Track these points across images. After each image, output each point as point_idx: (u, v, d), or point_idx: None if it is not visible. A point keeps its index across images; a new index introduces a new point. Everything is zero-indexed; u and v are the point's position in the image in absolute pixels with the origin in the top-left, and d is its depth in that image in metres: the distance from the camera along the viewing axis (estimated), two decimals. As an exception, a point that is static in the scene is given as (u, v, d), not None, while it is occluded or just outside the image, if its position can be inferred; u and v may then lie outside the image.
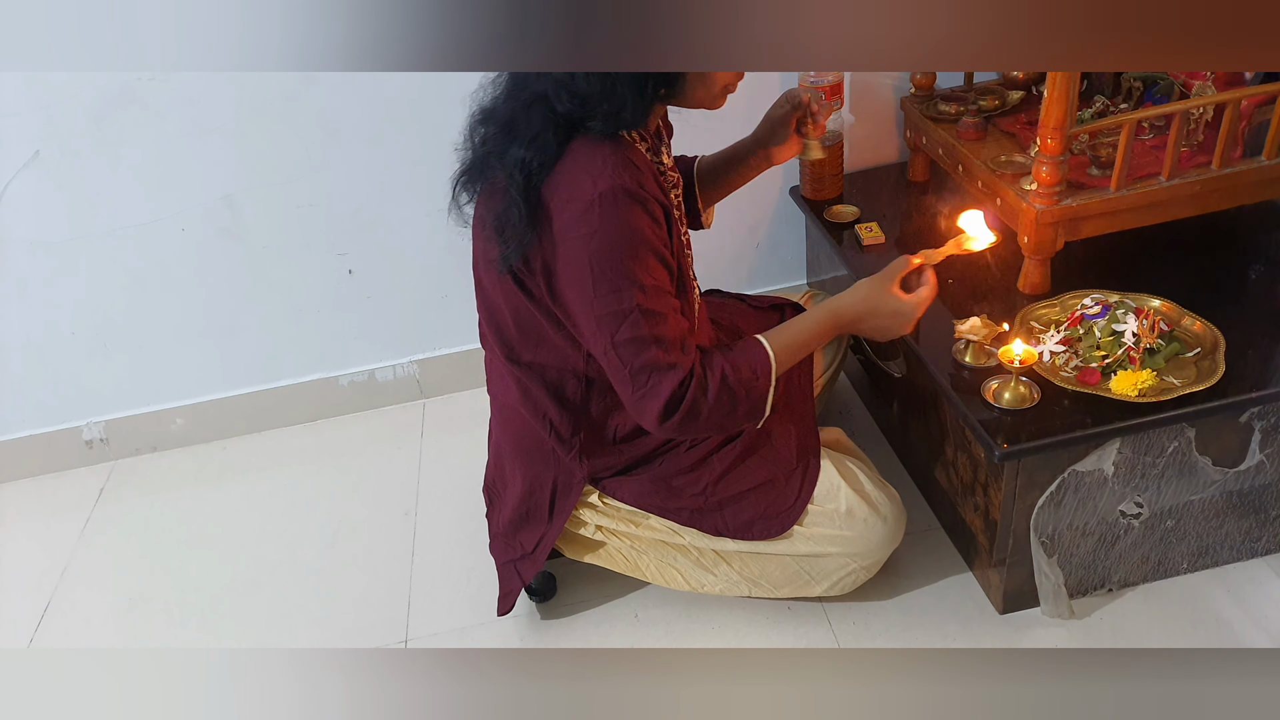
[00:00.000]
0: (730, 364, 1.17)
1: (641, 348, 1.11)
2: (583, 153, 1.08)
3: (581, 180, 1.07)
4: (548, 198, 1.09)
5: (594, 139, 1.08)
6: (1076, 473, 1.24)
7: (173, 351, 1.87)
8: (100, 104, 1.60)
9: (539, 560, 1.36)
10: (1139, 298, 1.34)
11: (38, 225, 1.70)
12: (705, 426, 1.18)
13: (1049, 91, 1.23)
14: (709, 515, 1.32)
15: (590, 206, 1.06)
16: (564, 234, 1.09)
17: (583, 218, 1.07)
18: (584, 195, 1.06)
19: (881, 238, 1.61)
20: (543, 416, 1.30)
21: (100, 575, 1.69)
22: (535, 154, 1.08)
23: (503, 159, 1.10)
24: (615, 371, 1.15)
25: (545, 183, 1.09)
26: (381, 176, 1.75)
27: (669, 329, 1.12)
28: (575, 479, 1.32)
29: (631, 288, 1.09)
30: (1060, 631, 1.35)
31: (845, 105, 1.72)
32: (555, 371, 1.26)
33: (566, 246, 1.09)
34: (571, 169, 1.08)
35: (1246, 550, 1.40)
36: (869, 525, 1.31)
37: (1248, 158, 1.36)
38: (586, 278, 1.09)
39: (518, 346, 1.26)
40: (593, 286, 1.09)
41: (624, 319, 1.10)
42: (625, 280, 1.09)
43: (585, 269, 1.09)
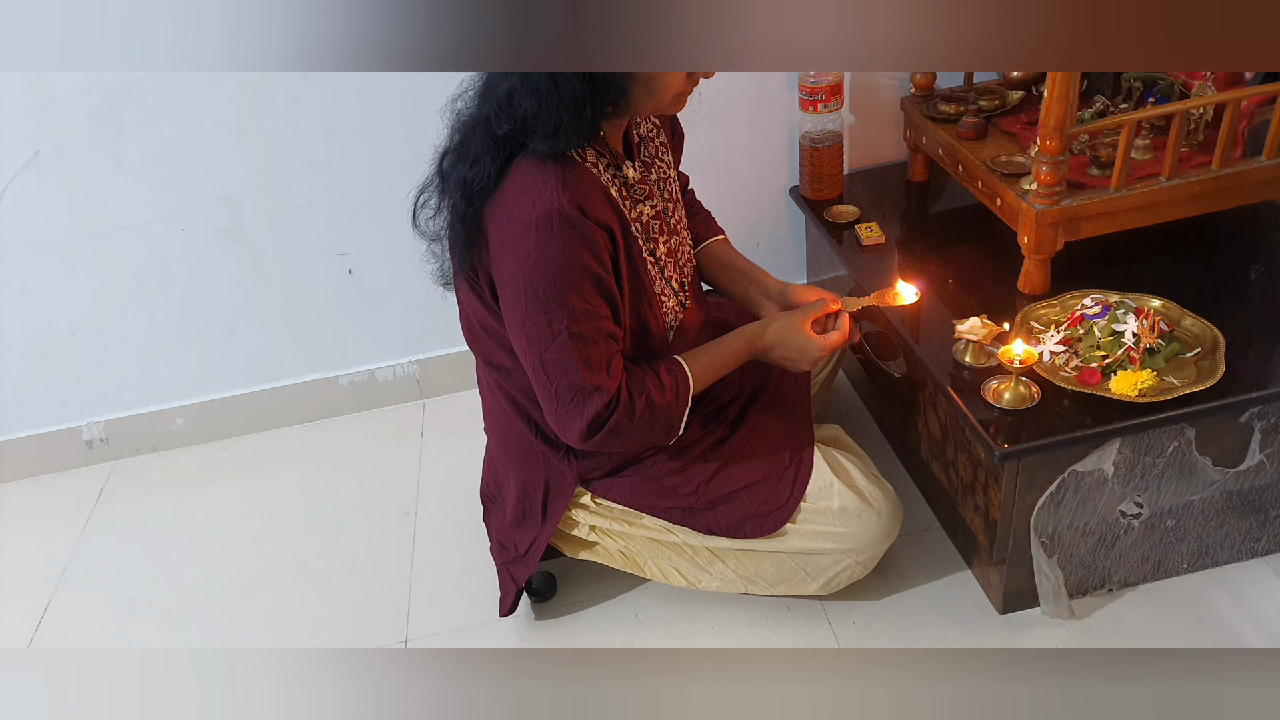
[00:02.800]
0: (655, 386, 1.20)
1: (567, 369, 1.13)
2: (524, 173, 1.09)
3: (520, 201, 1.08)
4: (487, 218, 1.11)
5: (537, 159, 1.09)
6: (1076, 473, 1.24)
7: (173, 351, 1.87)
8: (100, 104, 1.60)
9: (532, 562, 1.36)
10: (1139, 298, 1.34)
11: (38, 225, 1.70)
12: (624, 443, 1.22)
13: (1049, 91, 1.23)
14: (701, 514, 1.32)
15: (527, 228, 1.07)
16: (500, 252, 1.11)
17: (519, 238, 1.08)
18: (522, 217, 1.07)
19: (881, 238, 1.62)
20: (528, 420, 1.31)
21: (100, 575, 1.69)
22: (475, 175, 1.09)
23: (452, 179, 1.12)
24: (541, 388, 1.17)
25: (487, 204, 1.11)
26: (381, 176, 1.75)
27: (596, 352, 1.14)
28: (566, 480, 1.32)
29: (561, 311, 1.10)
30: (1060, 631, 1.35)
31: (845, 105, 1.72)
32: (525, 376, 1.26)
33: (501, 265, 1.11)
34: (511, 190, 1.09)
35: (1246, 550, 1.40)
36: (863, 521, 1.31)
37: (1248, 158, 1.36)
38: (519, 298, 1.11)
39: (494, 352, 1.27)
40: (524, 306, 1.11)
41: (552, 340, 1.12)
42: (556, 303, 1.10)
43: (519, 289, 1.10)
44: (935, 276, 1.50)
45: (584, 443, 1.18)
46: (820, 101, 1.65)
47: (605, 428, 1.16)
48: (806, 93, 1.66)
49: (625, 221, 1.17)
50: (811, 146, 1.71)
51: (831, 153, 1.71)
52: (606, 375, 1.16)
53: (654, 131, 1.29)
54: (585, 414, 1.15)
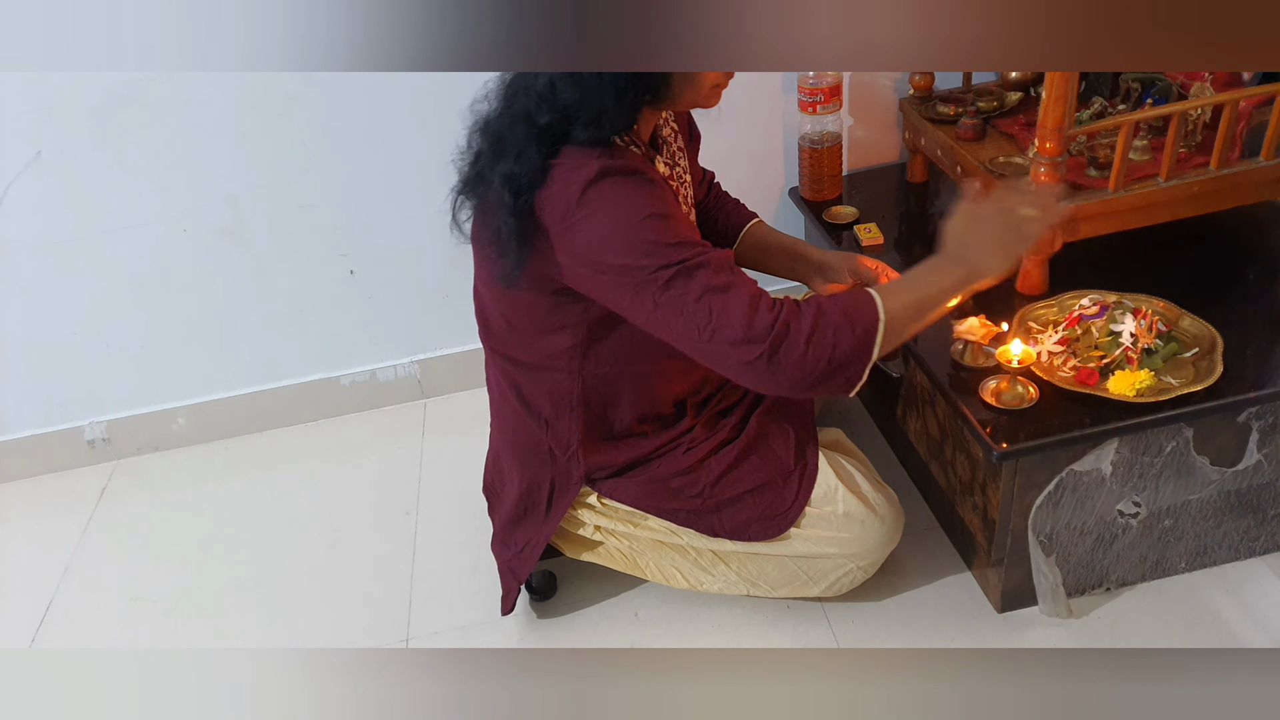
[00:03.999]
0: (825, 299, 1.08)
1: (688, 280, 1.03)
2: (569, 159, 1.08)
3: (569, 179, 1.07)
4: (539, 209, 1.09)
5: (582, 146, 1.08)
6: (1074, 472, 1.25)
7: (174, 351, 1.87)
8: (101, 104, 1.61)
9: (531, 560, 1.36)
10: (1137, 298, 1.34)
11: (39, 225, 1.70)
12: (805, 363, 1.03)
13: (1047, 92, 1.23)
14: (706, 516, 1.32)
15: (585, 190, 1.06)
16: (564, 225, 1.08)
17: (579, 203, 1.06)
18: (573, 191, 1.06)
19: (880, 238, 1.62)
20: (539, 417, 1.30)
21: (101, 575, 1.69)
22: (522, 168, 1.08)
23: (493, 175, 1.11)
24: (672, 327, 1.06)
25: (536, 196, 1.09)
26: (383, 177, 1.75)
27: (711, 257, 1.06)
28: (572, 479, 1.32)
29: (658, 246, 1.04)
30: (1058, 631, 1.35)
31: (844, 106, 1.72)
32: (551, 373, 1.26)
33: (574, 235, 1.08)
34: (560, 175, 1.08)
35: (1244, 550, 1.40)
36: (866, 527, 1.31)
37: (1246, 158, 1.36)
38: (609, 250, 1.06)
39: (513, 348, 1.26)
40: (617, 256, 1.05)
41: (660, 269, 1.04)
42: (648, 241, 1.04)
43: (605, 244, 1.06)
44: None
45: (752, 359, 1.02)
46: (819, 102, 1.66)
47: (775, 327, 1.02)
48: (806, 94, 1.66)
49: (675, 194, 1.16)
50: (811, 148, 1.71)
51: (831, 154, 1.72)
52: (732, 274, 1.06)
53: (673, 135, 1.29)
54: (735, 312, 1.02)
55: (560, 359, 1.24)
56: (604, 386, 1.26)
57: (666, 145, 1.26)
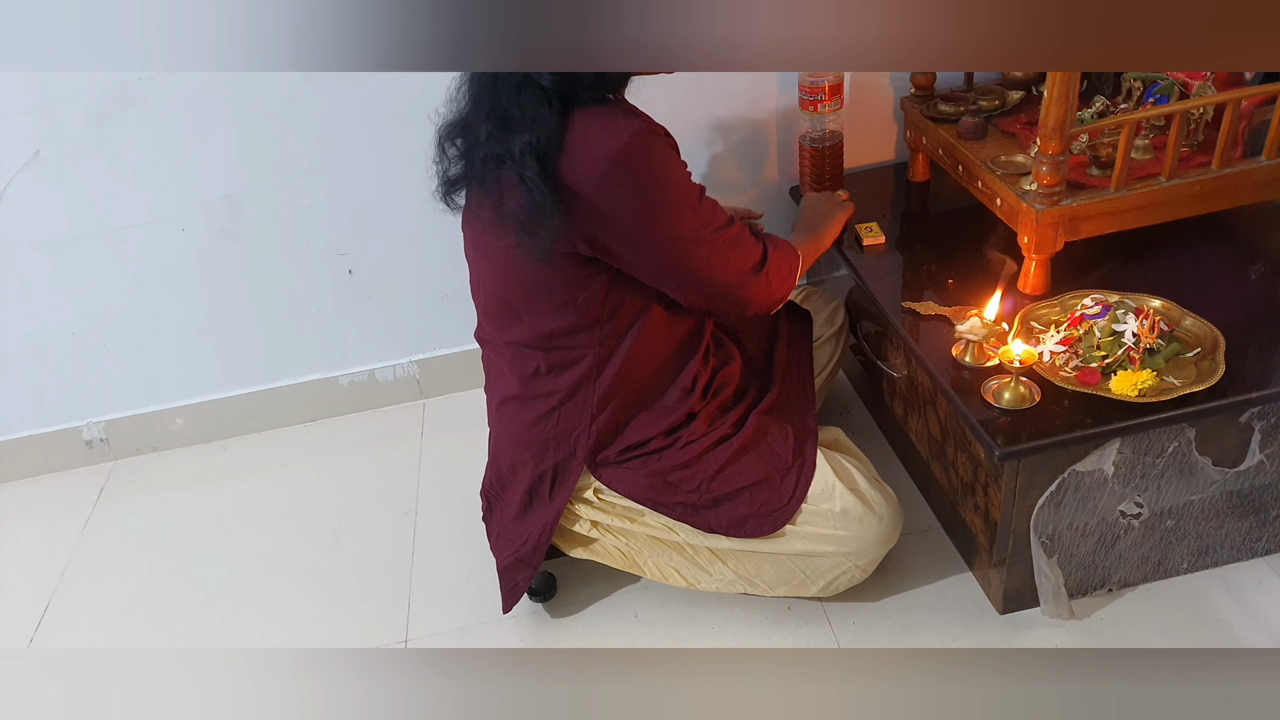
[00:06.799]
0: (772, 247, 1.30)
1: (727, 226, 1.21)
2: (586, 122, 1.09)
3: (596, 145, 1.07)
4: (566, 175, 1.08)
5: (591, 109, 1.09)
6: (1076, 473, 1.24)
7: (173, 351, 1.87)
8: (100, 104, 1.60)
9: (539, 557, 1.36)
10: (1139, 298, 1.34)
11: (38, 225, 1.70)
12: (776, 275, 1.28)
13: (1049, 92, 1.23)
14: (703, 512, 1.32)
15: (620, 158, 1.08)
16: (602, 194, 1.09)
17: (617, 171, 1.08)
18: (608, 151, 1.08)
19: (881, 238, 1.61)
20: (548, 402, 1.29)
21: (100, 575, 1.69)
22: (539, 135, 1.07)
23: (508, 151, 1.09)
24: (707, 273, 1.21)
25: (560, 162, 1.08)
26: (382, 177, 1.75)
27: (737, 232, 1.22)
28: (576, 461, 1.31)
29: (700, 199, 1.17)
30: (1060, 632, 1.35)
31: (845, 105, 1.71)
32: (565, 351, 1.25)
33: (613, 203, 1.10)
34: (582, 140, 1.08)
35: (1247, 550, 1.40)
36: (864, 525, 1.31)
37: (1248, 158, 1.36)
38: (653, 211, 1.13)
39: (526, 333, 1.25)
40: (661, 215, 1.13)
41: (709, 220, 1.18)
42: (690, 197, 1.16)
43: (649, 209, 1.12)
44: (935, 276, 1.50)
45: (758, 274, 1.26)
46: (820, 101, 1.65)
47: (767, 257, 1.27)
48: (806, 93, 1.65)
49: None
50: (811, 146, 1.71)
51: (832, 152, 1.71)
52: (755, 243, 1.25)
53: None
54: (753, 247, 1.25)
55: (577, 336, 1.24)
56: (618, 362, 1.26)
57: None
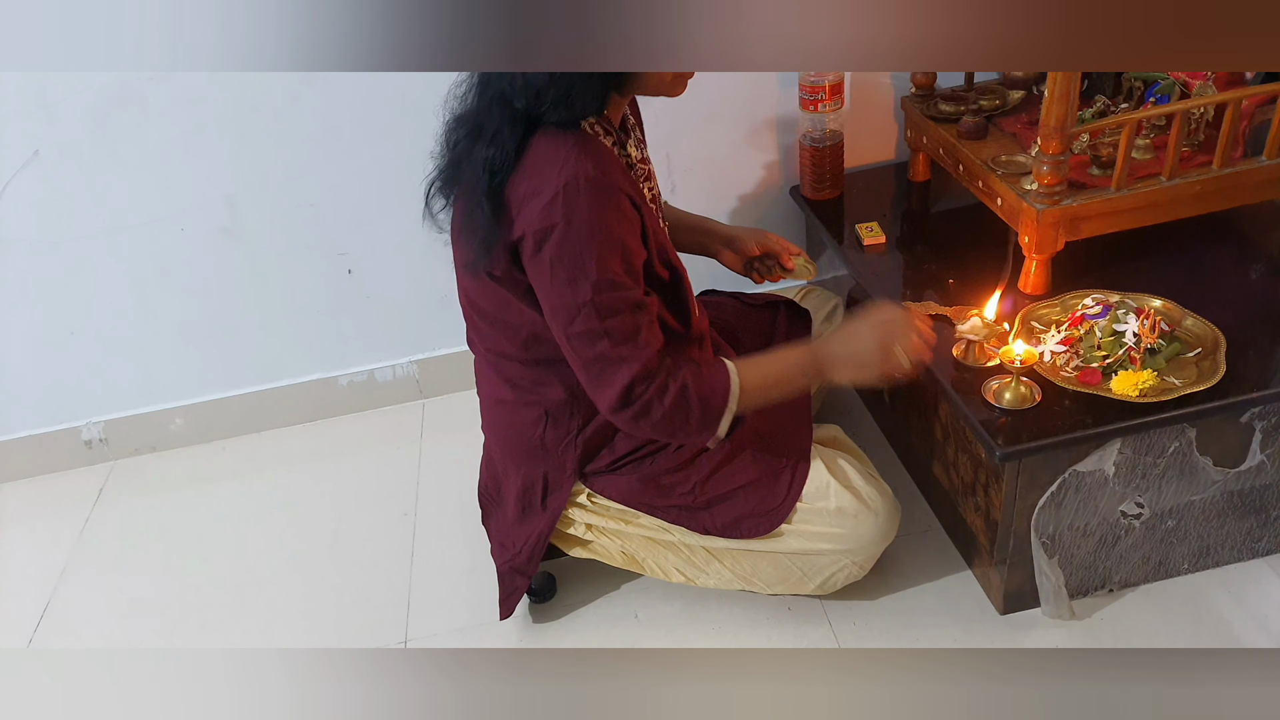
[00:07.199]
0: (693, 376, 1.17)
1: (592, 340, 1.12)
2: (544, 146, 1.08)
3: (545, 173, 1.07)
4: (510, 194, 1.10)
5: (554, 132, 1.09)
6: (1077, 473, 1.24)
7: (172, 351, 1.87)
8: (100, 104, 1.60)
9: (536, 557, 1.36)
10: (1140, 298, 1.34)
11: (37, 225, 1.69)
12: (658, 429, 1.17)
13: (1049, 91, 1.23)
14: (697, 514, 1.31)
15: (554, 198, 1.06)
16: (526, 225, 1.09)
17: (546, 209, 1.07)
18: (548, 187, 1.07)
19: (882, 238, 1.61)
20: (533, 410, 1.30)
21: (100, 575, 1.69)
22: (496, 151, 1.08)
23: (470, 161, 1.11)
24: (571, 359, 1.17)
25: (509, 180, 1.09)
26: (381, 176, 1.75)
27: (621, 324, 1.12)
28: (566, 473, 1.32)
29: (585, 281, 1.09)
30: (1060, 632, 1.35)
31: (845, 105, 1.72)
32: (545, 365, 1.26)
33: (528, 237, 1.10)
34: (534, 163, 1.08)
35: (1247, 550, 1.40)
36: (860, 522, 1.31)
37: (1248, 158, 1.36)
38: (545, 269, 1.10)
39: (507, 345, 1.26)
40: (549, 277, 1.10)
41: (577, 312, 1.11)
42: (580, 273, 1.08)
43: (545, 260, 1.09)
44: (935, 276, 1.50)
45: (615, 415, 1.16)
46: (820, 101, 1.65)
47: (636, 403, 1.14)
48: (806, 92, 1.66)
49: (640, 195, 1.17)
50: (812, 146, 1.71)
51: (832, 152, 1.71)
52: (633, 347, 1.13)
53: (636, 119, 1.30)
54: (613, 385, 1.13)
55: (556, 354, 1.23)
56: None
57: (633, 130, 1.27)
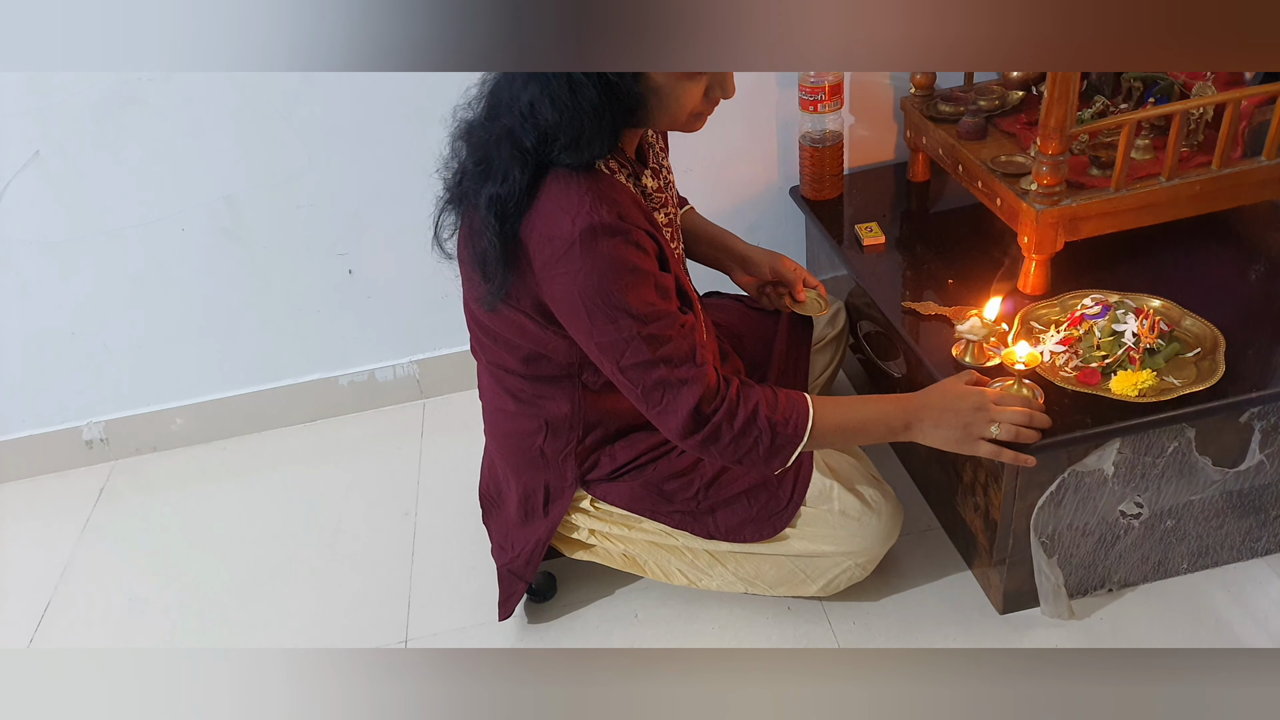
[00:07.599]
0: (768, 400, 1.14)
1: (648, 369, 1.10)
2: (557, 189, 1.07)
3: (559, 218, 1.06)
4: (525, 237, 1.08)
5: (567, 174, 1.07)
6: (1076, 473, 1.24)
7: (172, 351, 1.87)
8: (100, 104, 1.60)
9: (535, 562, 1.36)
10: (1139, 298, 1.34)
11: (38, 225, 1.70)
12: (725, 454, 1.15)
13: (1049, 92, 1.23)
14: (701, 518, 1.32)
15: (570, 246, 1.05)
16: (545, 272, 1.08)
17: (564, 257, 1.06)
18: (562, 234, 1.05)
19: (881, 238, 1.61)
20: (533, 421, 1.30)
21: (100, 575, 1.69)
22: (507, 192, 1.06)
23: (479, 196, 1.09)
24: (629, 392, 1.14)
25: (522, 222, 1.08)
26: (382, 177, 1.75)
27: (674, 349, 1.11)
28: (566, 483, 1.32)
29: (626, 318, 1.08)
30: (1060, 632, 1.35)
31: (845, 105, 1.72)
32: (546, 381, 1.26)
33: (552, 284, 1.09)
34: (547, 206, 1.07)
35: (1247, 550, 1.40)
36: (863, 524, 1.31)
37: (1248, 158, 1.36)
38: (580, 312, 1.09)
39: (510, 360, 1.26)
40: (588, 320, 1.09)
41: (626, 346, 1.09)
42: (619, 311, 1.08)
43: (578, 305, 1.08)
44: (935, 276, 1.50)
45: (686, 440, 1.13)
46: (820, 101, 1.65)
47: (706, 425, 1.12)
48: (806, 93, 1.66)
49: (656, 226, 1.15)
50: (811, 146, 1.71)
51: (832, 152, 1.71)
52: (693, 366, 1.11)
53: (655, 137, 1.28)
54: (679, 411, 1.11)
55: (558, 371, 1.24)
56: (600, 391, 1.26)
57: (651, 150, 1.24)
